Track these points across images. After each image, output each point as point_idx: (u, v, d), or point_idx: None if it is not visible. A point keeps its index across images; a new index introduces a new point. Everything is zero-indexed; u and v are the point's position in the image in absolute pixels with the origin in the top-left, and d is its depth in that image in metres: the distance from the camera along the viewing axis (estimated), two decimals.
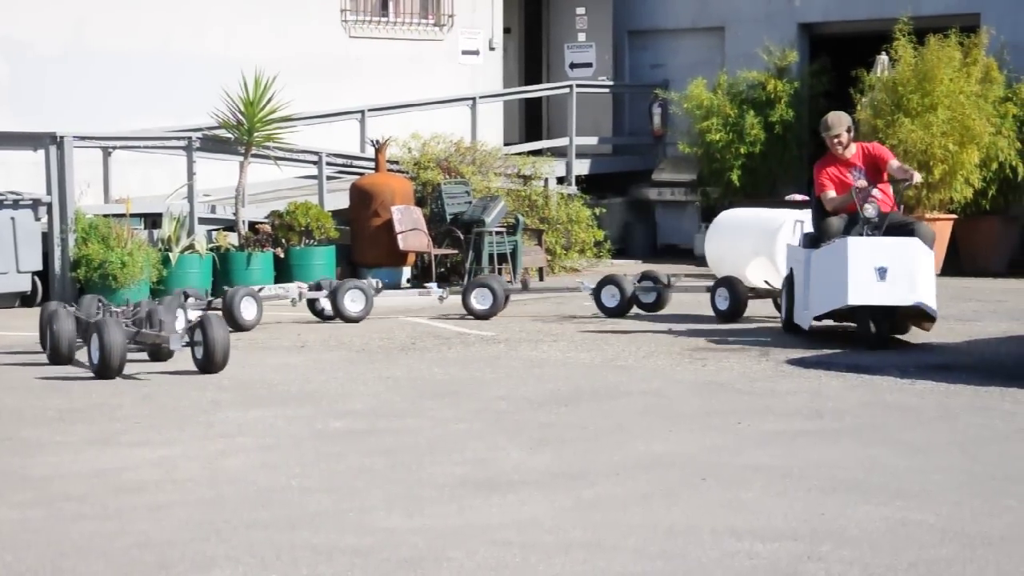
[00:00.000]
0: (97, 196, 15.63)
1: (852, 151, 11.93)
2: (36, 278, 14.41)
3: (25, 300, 14.41)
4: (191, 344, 10.18)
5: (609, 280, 13.45)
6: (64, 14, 16.24)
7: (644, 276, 13.80)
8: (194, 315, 11.49)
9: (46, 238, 14.42)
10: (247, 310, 12.53)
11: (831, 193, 11.78)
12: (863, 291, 10.96)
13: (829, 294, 11.23)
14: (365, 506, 6.52)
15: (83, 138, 14.89)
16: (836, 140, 11.88)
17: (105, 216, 14.75)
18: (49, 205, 14.38)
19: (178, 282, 14.59)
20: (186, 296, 12.47)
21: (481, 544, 5.89)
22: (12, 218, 14.10)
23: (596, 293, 13.41)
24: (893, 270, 10.95)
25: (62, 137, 14.44)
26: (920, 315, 11.35)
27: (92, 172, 15.50)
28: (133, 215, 15.05)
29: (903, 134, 17.17)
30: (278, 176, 17.06)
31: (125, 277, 14.14)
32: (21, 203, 14.19)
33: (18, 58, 15.88)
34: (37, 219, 14.34)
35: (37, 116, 15.35)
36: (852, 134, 11.99)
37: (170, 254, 14.84)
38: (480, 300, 13.28)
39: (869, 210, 11.28)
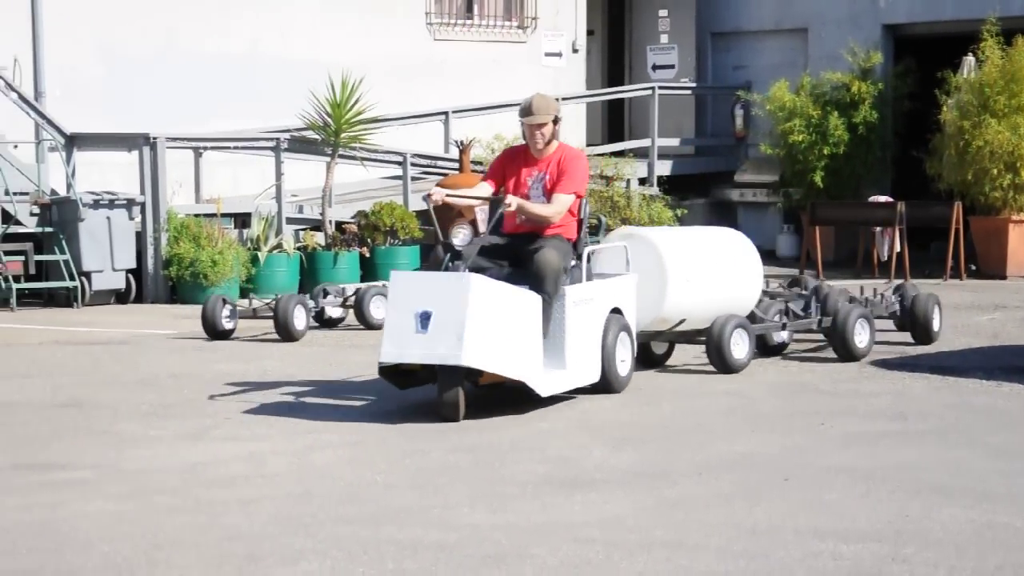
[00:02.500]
0: (188, 196, 15.83)
1: (552, 150, 8.87)
2: (130, 276, 14.59)
3: (119, 297, 14.61)
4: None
5: None
6: (157, 20, 16.47)
7: None
8: (335, 312, 12.47)
9: (139, 237, 14.62)
10: (378, 310, 12.34)
11: (483, 187, 8.98)
12: (399, 344, 8.16)
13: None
14: (449, 502, 6.53)
15: (175, 139, 15.10)
16: (538, 131, 8.78)
17: (196, 216, 14.96)
18: (142, 205, 14.59)
19: (266, 281, 14.75)
20: (325, 293, 12.59)
21: (564, 541, 5.88)
22: (107, 217, 14.31)
23: None
24: (438, 316, 8.03)
25: (155, 138, 14.64)
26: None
27: (183, 172, 15.72)
28: (223, 215, 15.25)
29: (990, 135, 16.95)
30: (364, 176, 17.18)
31: (215, 275, 14.30)
32: (116, 203, 14.39)
33: (113, 62, 16.13)
34: (131, 219, 14.54)
35: (130, 118, 15.55)
36: (559, 127, 8.91)
37: (259, 253, 15.02)
38: None
39: (458, 236, 8.41)
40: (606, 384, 8.98)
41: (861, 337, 10.65)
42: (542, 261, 8.40)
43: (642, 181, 19.43)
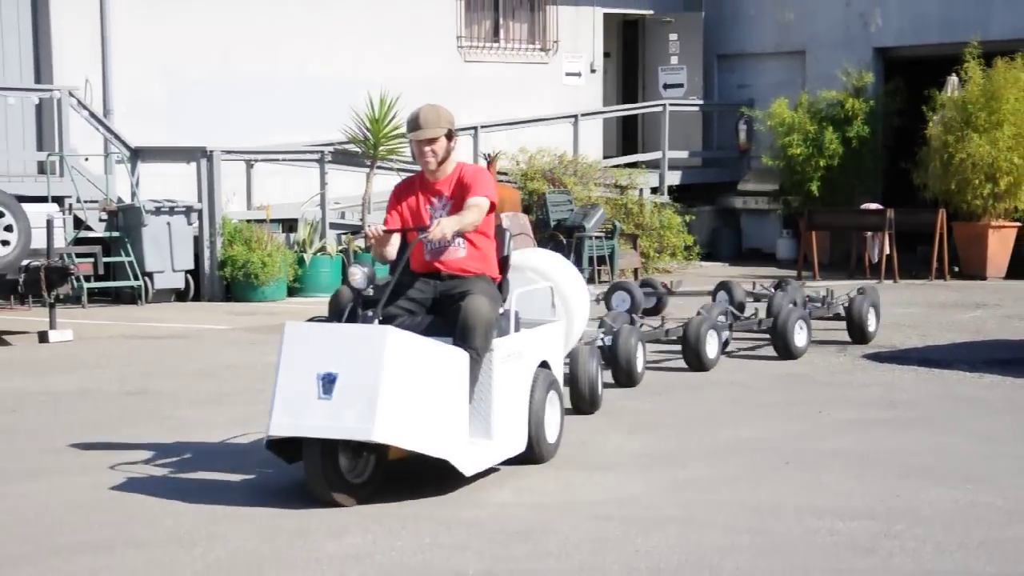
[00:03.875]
0: (241, 203, 15.95)
1: (449, 170, 6.72)
2: (188, 276, 14.62)
3: (179, 295, 14.67)
4: None
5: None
6: (212, 42, 16.50)
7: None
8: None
9: (197, 241, 14.66)
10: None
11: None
12: (295, 413, 5.93)
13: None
14: (478, 483, 6.55)
15: (229, 152, 15.14)
16: (428, 147, 6.60)
17: (248, 221, 15.02)
18: (200, 211, 14.62)
19: (311, 281, 14.77)
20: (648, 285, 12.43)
21: (584, 518, 5.89)
22: (168, 223, 14.35)
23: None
24: (346, 378, 5.87)
25: (211, 151, 14.68)
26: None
27: (237, 182, 15.84)
28: (272, 220, 15.32)
29: (972, 148, 16.91)
30: None
31: (265, 276, 14.33)
32: (176, 210, 14.43)
33: (173, 83, 16.16)
34: (189, 224, 14.58)
35: (189, 133, 15.61)
36: (455, 143, 6.71)
37: (304, 255, 15.04)
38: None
39: (356, 276, 6.31)
40: (531, 453, 6.76)
41: (800, 337, 10.41)
42: (471, 310, 6.27)
43: (654, 190, 19.40)
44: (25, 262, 11.73)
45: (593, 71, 20.77)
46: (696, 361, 9.83)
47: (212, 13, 16.44)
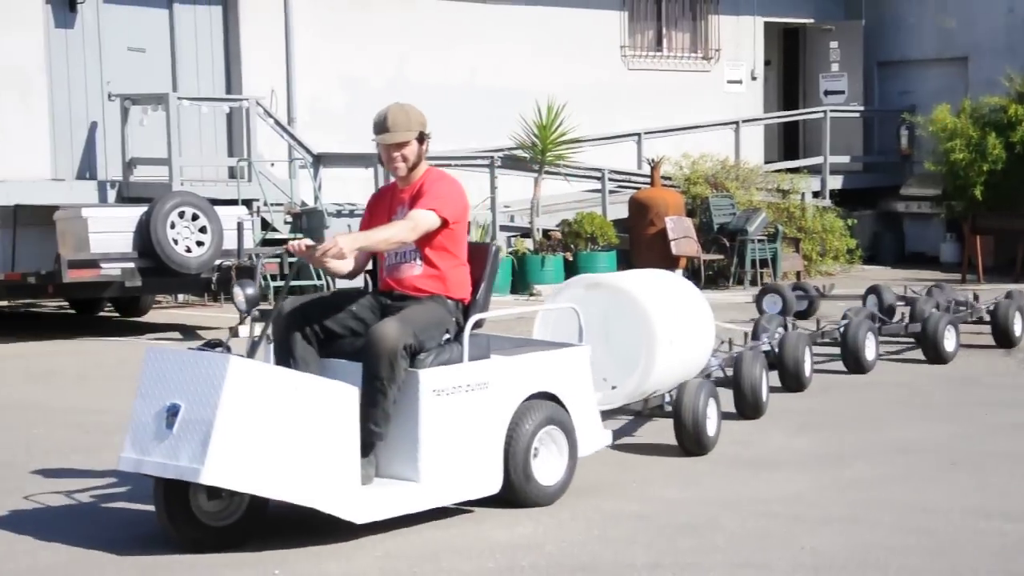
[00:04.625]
0: None
1: (417, 176, 5.88)
2: (367, 275, 14.66)
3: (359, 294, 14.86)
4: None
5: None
6: (389, 53, 16.66)
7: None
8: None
9: None
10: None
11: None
12: (140, 447, 5.25)
13: None
14: (646, 478, 6.50)
15: None
16: (397, 153, 5.80)
17: None
18: None
19: None
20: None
21: (750, 514, 5.79)
22: (348, 225, 14.34)
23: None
24: (187, 412, 5.15)
25: None
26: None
27: None
28: None
29: None
30: (567, 190, 17.19)
31: None
32: (355, 212, 14.51)
33: (352, 91, 16.33)
34: None
35: (366, 139, 15.39)
36: (427, 147, 5.88)
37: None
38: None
39: (237, 297, 5.51)
40: (512, 495, 5.81)
41: (948, 341, 10.01)
42: (372, 336, 5.43)
43: (815, 194, 19.04)
44: (217, 261, 11.96)
45: (754, 78, 20.47)
46: (855, 364, 9.60)
47: (389, 26, 16.60)
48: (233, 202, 13.43)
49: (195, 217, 11.96)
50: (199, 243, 11.97)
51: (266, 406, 5.14)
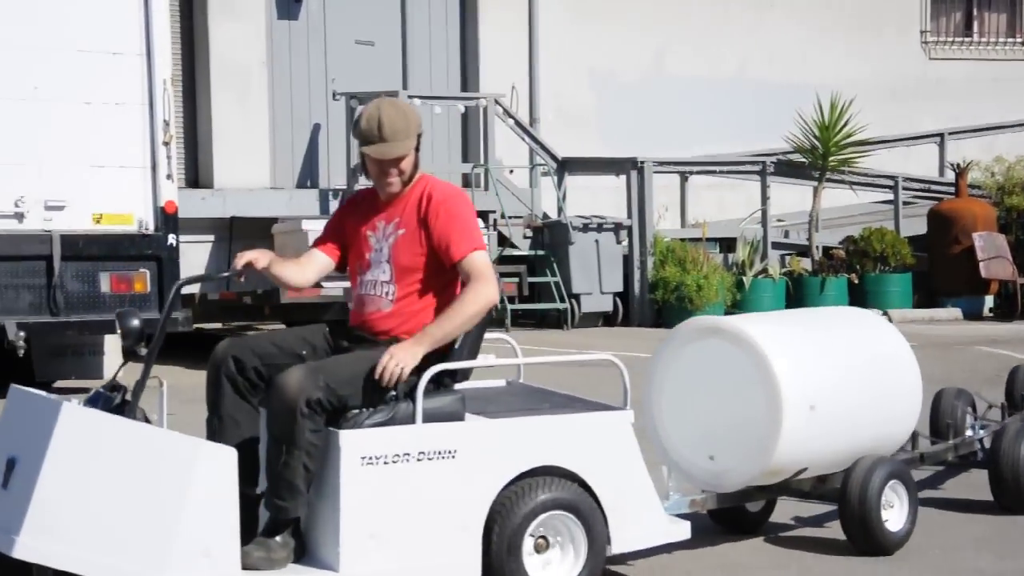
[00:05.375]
0: (674, 220, 15.98)
1: (408, 188, 5.25)
2: (617, 299, 14.81)
3: (607, 319, 14.89)
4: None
5: None
6: (646, 44, 16.68)
7: None
8: None
9: (626, 260, 14.83)
10: None
11: (314, 258, 5.46)
12: None
13: None
14: (951, 544, 6.24)
15: (662, 163, 15.24)
16: (393, 169, 5.18)
17: (681, 240, 15.06)
18: (629, 228, 14.80)
19: (752, 306, 14.60)
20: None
21: None
22: (596, 240, 14.58)
23: None
24: (22, 466, 4.77)
25: (643, 163, 14.83)
26: None
27: (669, 196, 15.89)
28: (708, 239, 15.29)
29: None
30: (851, 201, 16.85)
31: (700, 300, 14.33)
32: (604, 226, 14.66)
33: (603, 88, 16.42)
34: (618, 242, 14.76)
35: (618, 142, 15.77)
36: (418, 154, 5.24)
37: (743, 278, 14.97)
38: None
39: (119, 329, 5.02)
40: None
41: None
42: (275, 385, 4.97)
43: None
44: None
45: None
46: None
47: (647, 13, 16.60)
48: None
49: None
50: None
51: (107, 465, 4.66)
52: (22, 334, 9.55)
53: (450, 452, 5.02)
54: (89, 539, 4.59)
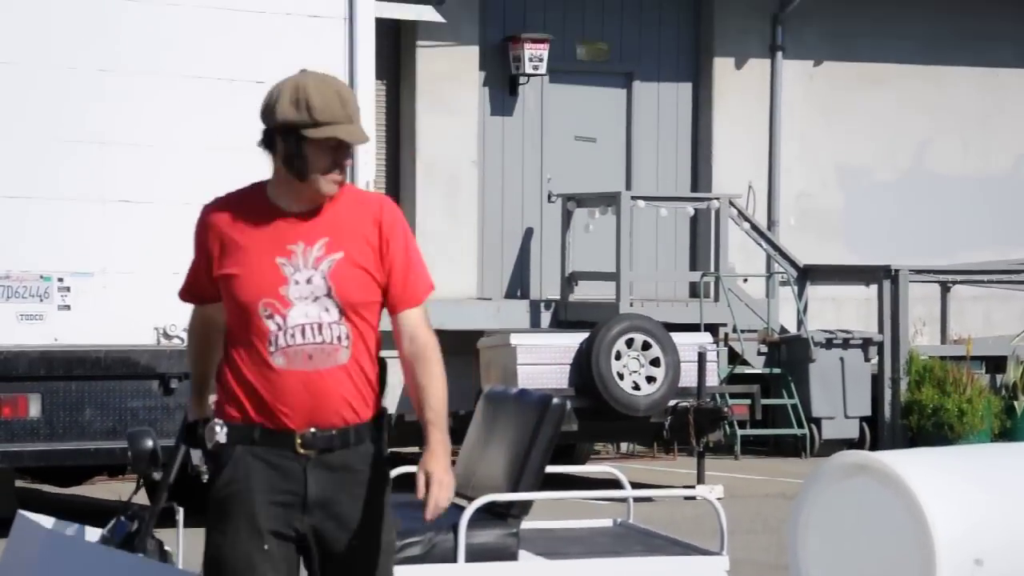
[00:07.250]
0: (933, 335, 15.39)
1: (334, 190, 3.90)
2: (864, 424, 14.13)
3: (852, 447, 14.04)
4: None
5: None
6: (905, 138, 16.13)
7: None
8: None
9: (875, 380, 14.17)
10: None
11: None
12: None
13: None
14: None
15: (919, 272, 14.63)
16: (349, 160, 3.84)
17: (941, 358, 14.37)
18: (880, 344, 14.14)
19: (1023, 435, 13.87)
20: None
21: None
22: (841, 358, 14.00)
23: None
24: None
25: (897, 271, 14.20)
26: None
27: (927, 309, 15.28)
28: (973, 357, 14.53)
29: None
30: None
31: (962, 427, 13.59)
32: (851, 342, 14.09)
33: (852, 188, 15.95)
34: (867, 360, 14.15)
35: (868, 249, 15.41)
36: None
37: (1015, 403, 14.17)
38: None
39: (132, 447, 4.70)
40: None
41: None
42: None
43: None
44: (672, 403, 11.83)
45: None
46: None
47: (905, 104, 16.02)
48: (695, 327, 13.30)
49: (646, 346, 11.98)
50: (650, 379, 11.95)
51: None
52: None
53: None
54: None
